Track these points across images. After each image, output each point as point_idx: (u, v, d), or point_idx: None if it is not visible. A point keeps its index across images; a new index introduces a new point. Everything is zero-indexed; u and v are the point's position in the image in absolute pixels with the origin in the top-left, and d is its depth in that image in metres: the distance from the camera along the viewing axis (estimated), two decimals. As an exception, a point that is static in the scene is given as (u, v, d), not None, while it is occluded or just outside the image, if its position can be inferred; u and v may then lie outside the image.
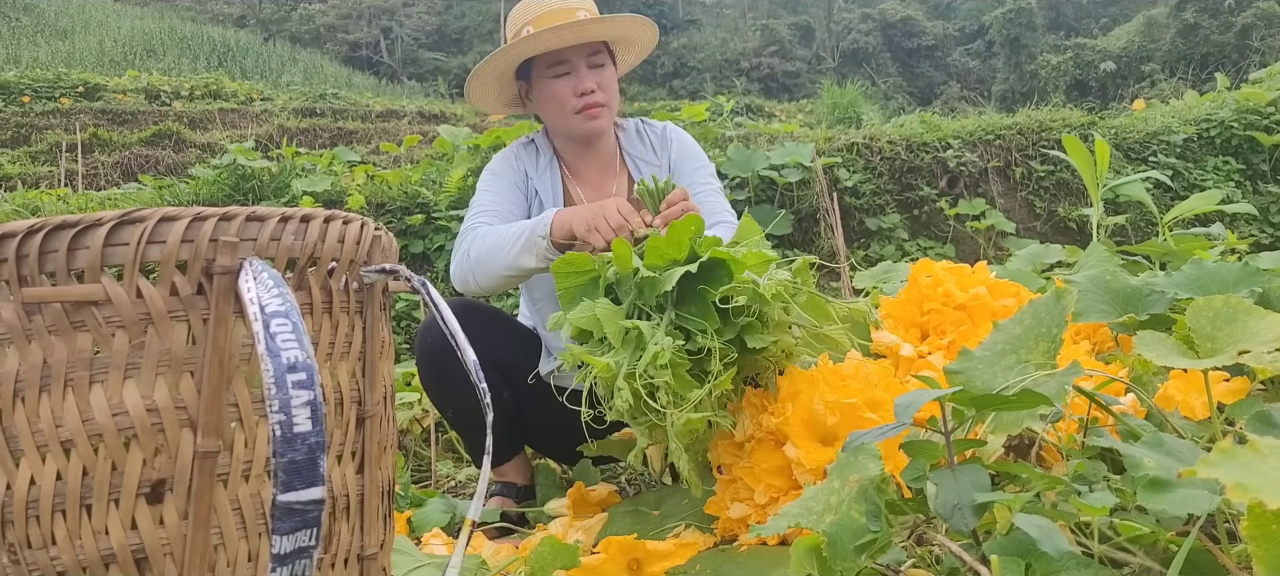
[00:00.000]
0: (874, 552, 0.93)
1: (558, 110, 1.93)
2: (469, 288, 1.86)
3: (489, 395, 0.85)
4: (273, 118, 12.42)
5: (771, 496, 1.40)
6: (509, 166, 2.01)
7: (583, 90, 1.90)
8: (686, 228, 1.37)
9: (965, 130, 5.90)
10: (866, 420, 1.35)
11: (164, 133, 10.86)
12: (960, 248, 5.41)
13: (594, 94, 1.90)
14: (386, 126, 12.43)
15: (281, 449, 0.63)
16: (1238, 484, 0.65)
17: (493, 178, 2.01)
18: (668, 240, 1.39)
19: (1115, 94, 20.96)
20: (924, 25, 32.23)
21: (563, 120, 1.95)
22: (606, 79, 1.94)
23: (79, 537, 0.67)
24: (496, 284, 1.82)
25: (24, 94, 12.84)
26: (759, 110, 16.48)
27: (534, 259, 1.73)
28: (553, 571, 1.22)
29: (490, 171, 2.03)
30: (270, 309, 0.67)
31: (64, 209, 5.96)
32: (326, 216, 0.77)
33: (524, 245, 1.74)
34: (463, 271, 1.85)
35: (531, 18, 1.90)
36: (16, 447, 0.68)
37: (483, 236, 1.84)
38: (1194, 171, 5.72)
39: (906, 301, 2.01)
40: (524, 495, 2.02)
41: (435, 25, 34.29)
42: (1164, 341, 1.33)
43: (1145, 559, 1.01)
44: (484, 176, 2.03)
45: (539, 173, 2.00)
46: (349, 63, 28.88)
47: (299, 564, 0.65)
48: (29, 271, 0.68)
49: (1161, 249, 2.70)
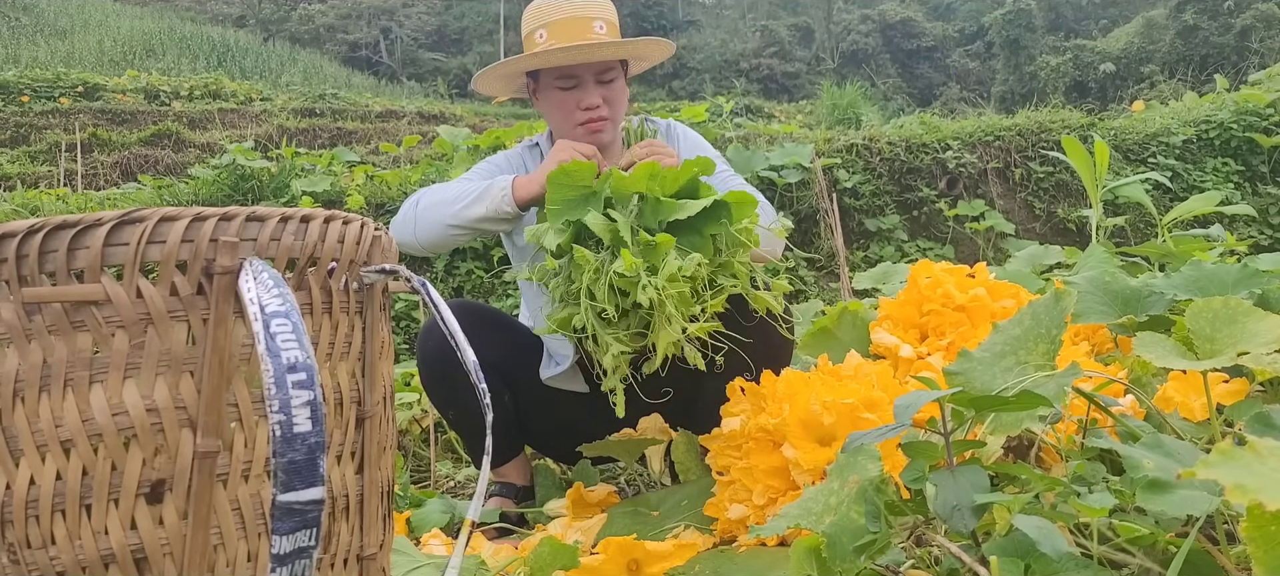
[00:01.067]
0: (873, 553, 0.94)
1: (561, 120, 1.94)
2: (405, 241, 1.83)
3: (488, 396, 0.85)
4: (272, 118, 12.42)
5: (769, 497, 1.40)
6: (510, 164, 2.01)
7: (587, 105, 1.89)
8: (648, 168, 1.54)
9: (965, 131, 5.91)
10: (864, 420, 1.35)
11: (163, 133, 10.86)
12: (959, 249, 5.41)
13: (598, 109, 1.90)
14: (386, 127, 12.44)
15: (281, 449, 0.63)
16: (1237, 485, 0.65)
17: (489, 166, 2.01)
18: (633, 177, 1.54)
19: (1114, 95, 20.97)
20: (923, 26, 32.25)
21: (566, 130, 1.95)
22: (614, 94, 1.92)
23: (78, 537, 0.67)
24: (437, 235, 1.80)
25: (23, 94, 12.84)
26: (758, 111, 16.49)
27: (484, 208, 1.73)
28: (552, 572, 1.22)
29: (490, 160, 2.04)
30: (270, 309, 0.67)
31: (63, 209, 5.96)
32: (326, 216, 0.77)
33: (477, 196, 1.74)
34: (404, 218, 1.84)
35: (547, 21, 1.88)
36: (16, 447, 0.68)
37: (437, 188, 1.84)
38: (1193, 173, 5.73)
39: (906, 302, 2.01)
40: (523, 496, 2.02)
41: (435, 25, 34.30)
42: (1163, 342, 1.34)
43: (1144, 560, 1.02)
44: (483, 162, 2.03)
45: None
46: (348, 63, 28.88)
47: (298, 564, 0.65)
48: (29, 271, 0.68)
49: (1161, 250, 2.70)
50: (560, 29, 1.86)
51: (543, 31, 1.87)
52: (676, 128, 2.08)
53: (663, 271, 1.43)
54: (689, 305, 1.48)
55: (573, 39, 1.85)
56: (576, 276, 1.50)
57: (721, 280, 1.55)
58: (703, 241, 1.52)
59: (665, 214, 1.50)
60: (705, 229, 1.53)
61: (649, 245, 1.46)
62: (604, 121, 1.91)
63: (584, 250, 1.47)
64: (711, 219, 1.52)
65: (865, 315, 2.18)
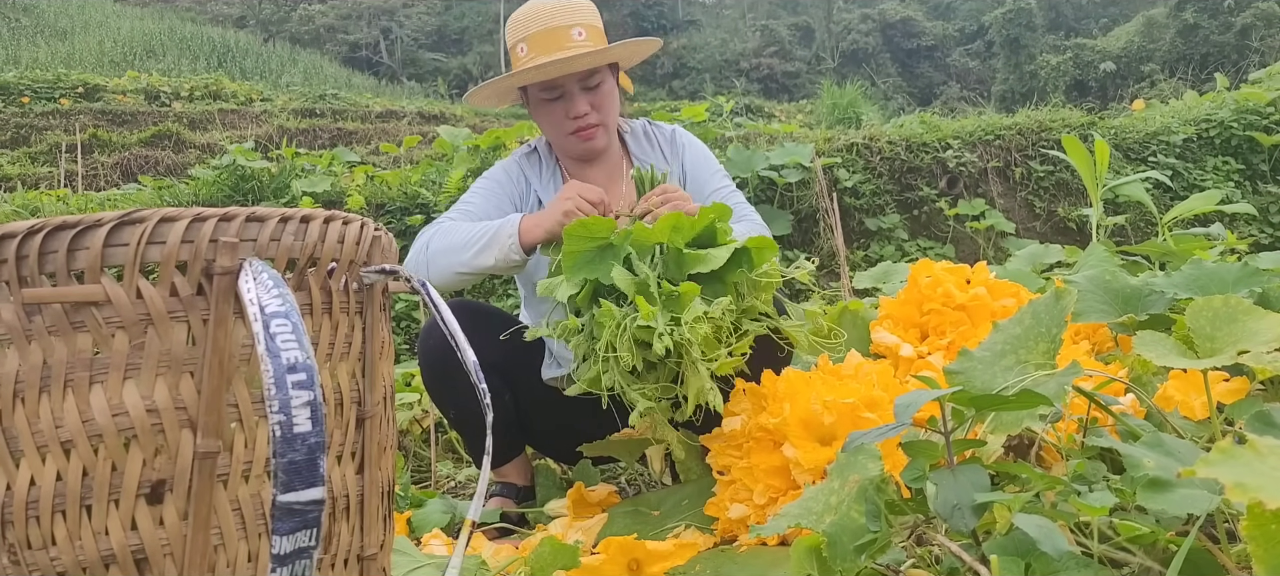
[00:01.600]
0: (874, 552, 0.94)
1: (553, 130, 1.94)
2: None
3: (489, 396, 0.85)
4: (272, 118, 12.43)
5: (770, 496, 1.40)
6: (509, 177, 2.00)
7: (575, 114, 1.89)
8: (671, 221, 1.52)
9: (965, 130, 5.90)
10: (864, 420, 1.35)
11: (164, 133, 10.87)
12: (960, 248, 5.41)
13: (586, 116, 1.89)
14: (386, 127, 12.44)
15: (281, 449, 0.63)
16: (1237, 483, 0.65)
17: (489, 184, 2.00)
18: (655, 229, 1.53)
19: (1115, 94, 20.97)
20: (924, 25, 32.24)
21: (558, 139, 1.96)
22: (601, 98, 1.91)
23: (79, 538, 0.67)
24: (448, 282, 1.80)
25: (24, 95, 12.85)
26: (759, 111, 16.49)
27: (493, 257, 1.73)
28: (552, 571, 1.22)
29: (489, 177, 2.03)
30: (270, 309, 0.67)
31: (64, 209, 5.96)
32: (326, 217, 0.77)
33: (485, 244, 1.74)
34: (416, 262, 1.83)
35: (526, 35, 1.88)
36: (16, 448, 0.68)
37: (446, 231, 1.83)
38: (1193, 172, 5.72)
39: (906, 302, 2.01)
40: (524, 495, 2.02)
41: (435, 26, 34.30)
42: (1163, 341, 1.34)
43: (1145, 558, 1.02)
44: (480, 180, 2.02)
45: (542, 181, 2.00)
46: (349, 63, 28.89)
47: (299, 564, 0.65)
48: (29, 272, 0.68)
49: (1161, 249, 2.70)
50: (539, 41, 1.86)
51: (524, 45, 1.88)
52: (681, 136, 2.08)
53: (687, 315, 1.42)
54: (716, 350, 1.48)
55: (552, 51, 1.84)
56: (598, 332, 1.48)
57: (746, 324, 1.55)
58: (725, 288, 1.52)
59: (688, 266, 1.50)
60: (727, 277, 1.52)
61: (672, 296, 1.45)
62: (594, 128, 1.91)
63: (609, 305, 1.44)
64: (733, 265, 1.52)
65: (866, 314, 2.18)
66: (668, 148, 2.04)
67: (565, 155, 2.00)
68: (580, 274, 1.51)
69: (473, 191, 1.99)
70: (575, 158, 1.98)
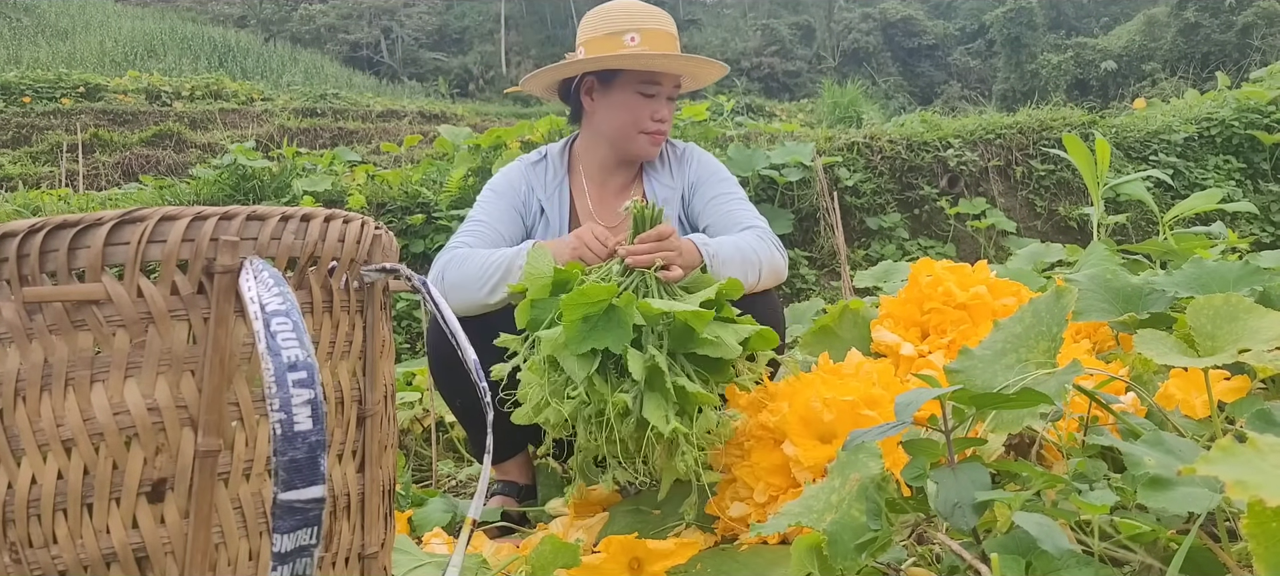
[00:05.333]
0: (874, 551, 0.94)
1: (627, 125, 1.94)
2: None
3: (489, 394, 0.85)
4: (273, 118, 12.44)
5: (771, 495, 1.40)
6: (511, 186, 2.00)
7: (660, 116, 1.94)
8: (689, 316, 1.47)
9: (966, 129, 5.90)
10: (864, 418, 1.35)
11: (165, 133, 10.88)
12: (961, 247, 5.41)
13: (665, 124, 1.95)
14: (387, 126, 12.46)
15: (282, 447, 0.63)
16: (1238, 481, 0.65)
17: (492, 196, 2.00)
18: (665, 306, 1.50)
19: (1116, 93, 20.95)
20: (924, 25, 32.22)
21: (625, 135, 1.96)
22: (672, 112, 1.99)
23: (80, 536, 0.67)
24: (466, 314, 1.80)
25: (25, 94, 12.86)
26: (759, 110, 16.50)
27: (505, 292, 1.74)
28: (553, 570, 1.22)
29: (492, 188, 2.03)
30: (271, 308, 0.67)
31: (65, 209, 5.97)
32: (327, 216, 0.77)
33: (498, 281, 1.75)
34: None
35: (639, 27, 1.90)
36: (18, 446, 0.68)
37: (459, 262, 1.82)
38: (1195, 170, 5.72)
39: (907, 300, 2.01)
40: (525, 494, 2.02)
41: (436, 25, 34.30)
42: (1164, 340, 1.34)
43: (1146, 557, 1.02)
44: (485, 192, 2.02)
45: (547, 191, 2.00)
46: (349, 63, 28.90)
47: (300, 562, 0.65)
48: (30, 271, 0.68)
49: (1162, 248, 2.70)
50: (653, 38, 1.90)
51: (635, 35, 1.89)
52: (693, 153, 2.09)
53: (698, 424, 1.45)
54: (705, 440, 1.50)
55: (665, 49, 1.90)
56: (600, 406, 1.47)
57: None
58: (723, 368, 1.54)
59: (694, 346, 1.50)
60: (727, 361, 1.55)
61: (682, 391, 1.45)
62: (663, 137, 1.98)
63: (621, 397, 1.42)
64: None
65: (866, 313, 2.18)
66: (676, 164, 2.06)
67: (612, 150, 2.00)
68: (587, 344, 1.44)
69: (479, 206, 1.99)
70: (624, 157, 2.00)
